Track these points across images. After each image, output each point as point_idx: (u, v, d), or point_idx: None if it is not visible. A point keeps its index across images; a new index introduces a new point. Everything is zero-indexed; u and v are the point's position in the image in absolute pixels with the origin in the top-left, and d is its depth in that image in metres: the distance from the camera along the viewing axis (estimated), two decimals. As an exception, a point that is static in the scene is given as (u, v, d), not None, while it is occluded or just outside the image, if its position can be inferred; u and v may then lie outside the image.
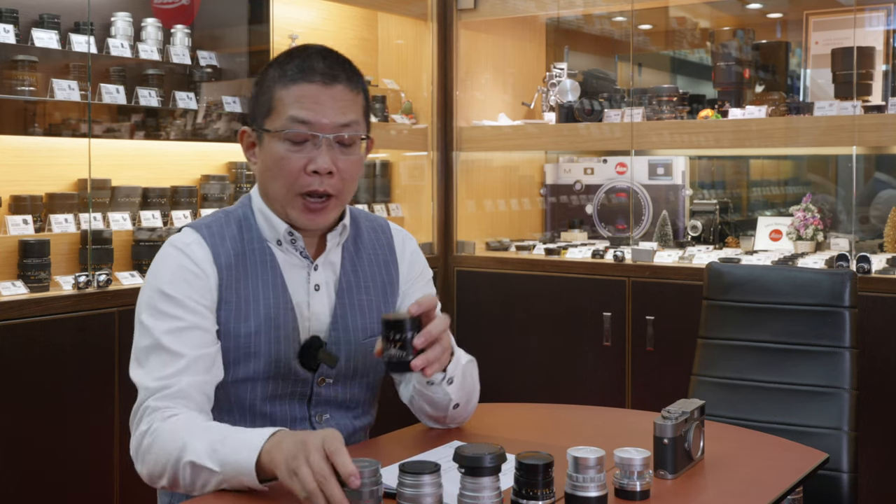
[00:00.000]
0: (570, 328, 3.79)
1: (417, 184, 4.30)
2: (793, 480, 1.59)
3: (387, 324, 1.60)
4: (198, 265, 1.69)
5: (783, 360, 2.33)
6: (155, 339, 1.65)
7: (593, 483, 1.39)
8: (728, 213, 4.18)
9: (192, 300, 1.67)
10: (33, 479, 2.78)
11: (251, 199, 1.81)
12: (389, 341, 1.60)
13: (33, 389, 2.78)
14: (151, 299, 1.68)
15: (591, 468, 1.39)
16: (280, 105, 1.70)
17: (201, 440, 1.52)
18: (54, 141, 3.13)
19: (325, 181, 1.70)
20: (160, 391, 1.61)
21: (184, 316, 1.66)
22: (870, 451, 3.06)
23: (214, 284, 1.70)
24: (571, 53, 4.74)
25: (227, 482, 1.50)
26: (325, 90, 1.70)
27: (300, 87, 1.70)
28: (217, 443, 1.51)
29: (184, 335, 1.65)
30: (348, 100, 1.73)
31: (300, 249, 1.77)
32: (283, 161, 1.70)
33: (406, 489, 1.32)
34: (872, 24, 3.84)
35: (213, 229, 1.75)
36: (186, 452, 1.52)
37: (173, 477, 1.54)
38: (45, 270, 2.97)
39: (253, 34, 3.65)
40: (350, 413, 1.82)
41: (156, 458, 1.56)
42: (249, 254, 1.75)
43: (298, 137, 1.69)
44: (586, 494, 1.39)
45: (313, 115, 1.69)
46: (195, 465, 1.51)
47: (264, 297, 1.73)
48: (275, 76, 1.73)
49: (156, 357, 1.64)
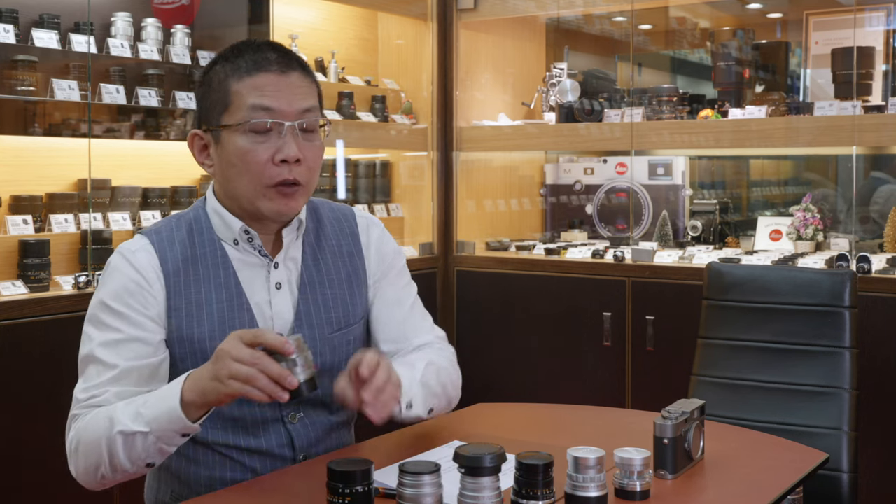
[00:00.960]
0: (570, 328, 3.79)
1: (417, 184, 4.30)
2: (793, 480, 1.59)
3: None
4: (141, 274, 1.67)
5: (783, 360, 2.33)
6: (90, 351, 1.65)
7: (593, 483, 1.39)
8: (728, 213, 4.18)
9: (134, 311, 1.65)
10: (33, 479, 2.78)
11: (205, 201, 1.77)
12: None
13: (33, 389, 2.78)
14: (95, 309, 1.68)
15: (591, 468, 1.39)
16: (237, 98, 1.66)
17: (124, 411, 1.54)
18: (54, 141, 3.13)
19: (294, 169, 1.67)
20: (86, 401, 1.62)
21: (122, 328, 1.64)
22: (870, 451, 3.06)
23: (160, 293, 1.68)
24: (571, 53, 4.74)
25: (161, 440, 1.52)
26: (283, 78, 1.68)
27: (257, 78, 1.66)
28: (140, 406, 1.54)
29: (119, 347, 1.64)
30: (305, 86, 1.71)
31: (258, 248, 1.74)
32: (249, 154, 1.65)
33: (406, 489, 1.31)
34: (872, 24, 3.84)
35: (163, 234, 1.72)
36: (113, 425, 1.53)
37: (109, 458, 1.55)
38: (45, 270, 2.97)
39: (253, 34, 3.65)
40: (325, 409, 1.78)
41: (86, 449, 1.57)
42: (201, 257, 1.72)
43: (262, 127, 1.65)
44: (586, 494, 1.39)
45: (275, 101, 1.66)
46: (125, 433, 1.52)
47: (217, 300, 1.70)
48: (226, 71, 1.69)
49: (92, 368, 1.65)
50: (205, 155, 1.74)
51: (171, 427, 1.51)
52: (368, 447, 1.78)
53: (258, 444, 1.70)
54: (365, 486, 1.33)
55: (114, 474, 1.57)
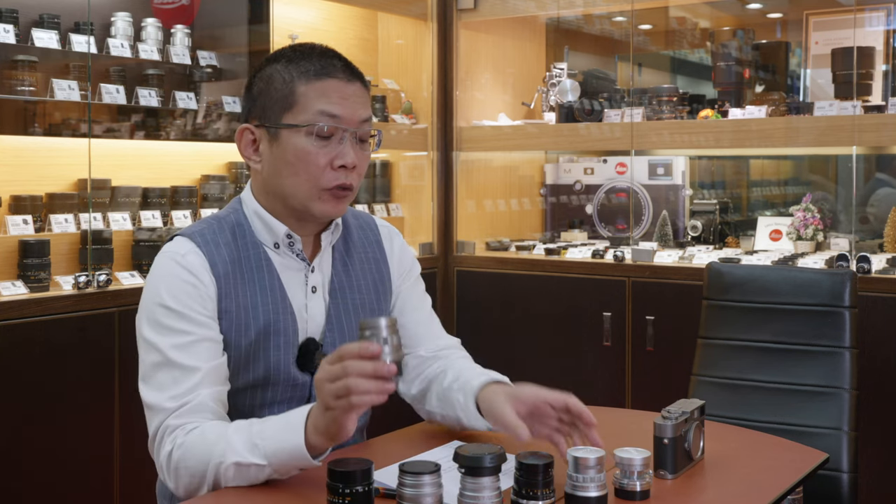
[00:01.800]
0: (570, 328, 3.79)
1: (417, 184, 4.30)
2: (793, 480, 1.59)
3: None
4: (195, 276, 1.66)
5: (783, 360, 2.33)
6: (163, 356, 1.61)
7: (593, 483, 1.39)
8: (728, 213, 4.18)
9: (195, 312, 1.64)
10: (33, 478, 2.78)
11: (242, 203, 1.78)
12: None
13: (33, 389, 2.78)
14: (153, 314, 1.64)
15: (591, 468, 1.39)
16: (304, 99, 1.69)
17: (238, 439, 1.51)
18: (54, 141, 3.13)
19: (350, 175, 1.71)
20: (180, 409, 1.58)
21: (190, 329, 1.63)
22: (870, 451, 3.06)
23: (213, 294, 1.67)
24: (571, 53, 4.74)
25: (277, 473, 1.51)
26: (349, 86, 1.71)
27: (325, 83, 1.70)
28: (256, 437, 1.51)
29: (193, 348, 1.62)
30: (364, 97, 1.75)
31: (297, 252, 1.76)
32: (310, 156, 1.68)
33: (406, 489, 1.31)
34: (872, 24, 3.84)
35: (207, 237, 1.71)
36: (227, 455, 1.50)
37: (214, 483, 1.53)
38: (45, 270, 2.97)
39: (253, 34, 3.65)
40: None
41: (192, 471, 1.54)
42: (245, 260, 1.72)
43: (328, 132, 1.68)
44: (586, 494, 1.39)
45: (342, 109, 1.69)
46: (240, 465, 1.50)
47: (262, 304, 1.71)
48: (290, 72, 1.71)
49: (166, 374, 1.61)
50: (252, 150, 1.76)
51: (293, 463, 1.50)
52: (368, 447, 1.78)
53: None
54: (365, 486, 1.33)
55: (213, 490, 1.56)
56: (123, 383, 2.97)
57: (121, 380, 2.96)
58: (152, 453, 1.62)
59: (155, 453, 1.61)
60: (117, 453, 2.97)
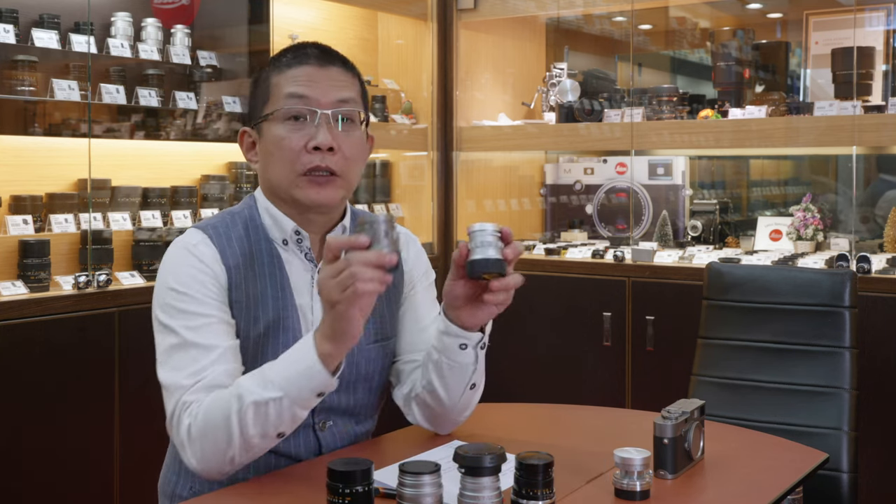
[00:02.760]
0: (570, 328, 3.79)
1: (417, 184, 4.30)
2: (793, 480, 1.59)
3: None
4: (206, 265, 1.67)
5: (783, 360, 2.33)
6: (180, 337, 1.62)
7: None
8: (728, 213, 4.18)
9: (208, 297, 1.65)
10: (33, 478, 2.78)
11: (255, 200, 1.79)
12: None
13: (33, 389, 2.78)
14: (166, 298, 1.65)
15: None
16: (276, 89, 1.72)
17: (250, 382, 1.53)
18: (54, 141, 3.13)
19: (327, 158, 1.69)
20: (196, 385, 1.58)
21: (205, 311, 1.64)
22: (870, 451, 3.06)
23: (224, 283, 1.68)
24: (571, 53, 4.74)
25: (296, 403, 1.52)
26: (321, 70, 1.73)
27: (295, 70, 1.72)
28: (266, 373, 1.53)
29: (209, 329, 1.63)
30: (344, 80, 1.75)
31: (305, 250, 1.76)
32: (284, 141, 1.69)
33: (406, 489, 1.31)
34: (872, 24, 3.84)
35: (220, 230, 1.73)
36: (243, 398, 1.51)
37: (241, 434, 1.52)
38: (45, 270, 2.97)
39: (253, 34, 3.65)
40: (353, 419, 1.79)
41: (213, 431, 1.54)
42: (257, 254, 1.73)
43: (297, 114, 1.69)
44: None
45: (310, 90, 1.70)
46: (257, 403, 1.51)
47: (273, 298, 1.71)
48: (270, 68, 1.76)
49: (183, 354, 1.61)
50: (252, 152, 1.78)
51: (309, 385, 1.51)
52: (369, 447, 1.78)
53: (287, 449, 1.70)
54: (365, 486, 1.33)
55: (244, 454, 1.55)
56: (123, 383, 2.97)
57: (121, 380, 2.96)
58: (170, 433, 1.62)
59: (174, 432, 1.60)
60: (117, 453, 2.97)
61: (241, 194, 3.59)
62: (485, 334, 1.72)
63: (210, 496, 1.53)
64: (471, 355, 1.72)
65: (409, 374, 1.83)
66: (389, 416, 1.96)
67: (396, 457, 1.60)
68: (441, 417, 1.79)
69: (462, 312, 1.67)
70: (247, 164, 3.62)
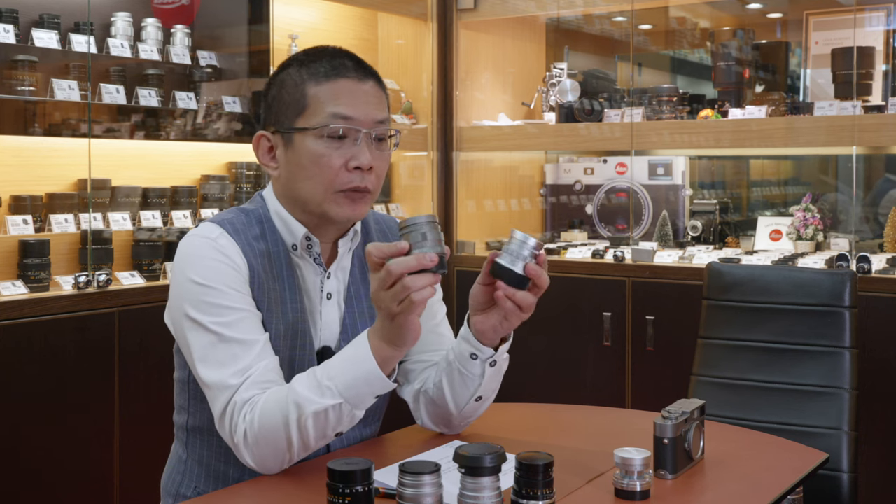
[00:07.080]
0: (570, 328, 3.79)
1: (417, 184, 4.30)
2: (793, 480, 1.59)
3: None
4: (230, 258, 1.64)
5: (783, 360, 2.33)
6: (217, 334, 1.59)
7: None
8: (728, 213, 4.18)
9: (237, 292, 1.63)
10: (33, 479, 2.78)
11: (265, 202, 1.76)
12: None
13: (33, 389, 2.78)
14: (194, 294, 1.61)
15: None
16: (315, 102, 1.67)
17: (305, 390, 1.53)
18: (54, 141, 3.14)
19: (366, 177, 1.68)
20: (244, 384, 1.58)
21: (238, 305, 1.62)
22: (870, 451, 3.06)
23: (247, 279, 1.65)
24: (571, 53, 4.74)
25: (355, 406, 1.53)
26: (360, 86, 1.70)
27: (336, 84, 1.68)
28: (322, 380, 1.53)
29: (245, 323, 1.61)
30: (380, 96, 1.73)
31: (315, 256, 1.74)
32: (323, 158, 1.66)
33: (406, 489, 1.31)
34: (872, 24, 3.84)
35: (237, 227, 1.69)
36: (303, 408, 1.52)
37: (300, 439, 1.54)
38: (45, 270, 2.97)
39: (253, 34, 3.65)
40: (360, 422, 1.77)
41: (273, 437, 1.54)
42: (274, 256, 1.71)
43: (340, 133, 1.66)
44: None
45: (354, 110, 1.67)
46: (317, 413, 1.52)
47: (291, 301, 1.70)
48: (302, 75, 1.69)
49: (224, 351, 1.59)
50: (270, 156, 1.74)
51: (370, 390, 1.53)
52: (369, 447, 1.78)
53: None
54: (365, 486, 1.33)
55: (302, 453, 1.57)
56: (123, 383, 2.97)
57: (121, 380, 2.96)
58: (221, 432, 1.60)
59: (227, 434, 1.59)
60: (117, 453, 2.97)
61: (241, 194, 3.59)
62: (497, 353, 1.71)
63: (212, 496, 1.53)
64: (479, 367, 1.71)
65: (418, 374, 1.83)
66: (389, 416, 1.96)
67: (396, 457, 1.60)
68: (446, 418, 1.79)
69: (480, 316, 1.70)
70: (247, 165, 3.62)
